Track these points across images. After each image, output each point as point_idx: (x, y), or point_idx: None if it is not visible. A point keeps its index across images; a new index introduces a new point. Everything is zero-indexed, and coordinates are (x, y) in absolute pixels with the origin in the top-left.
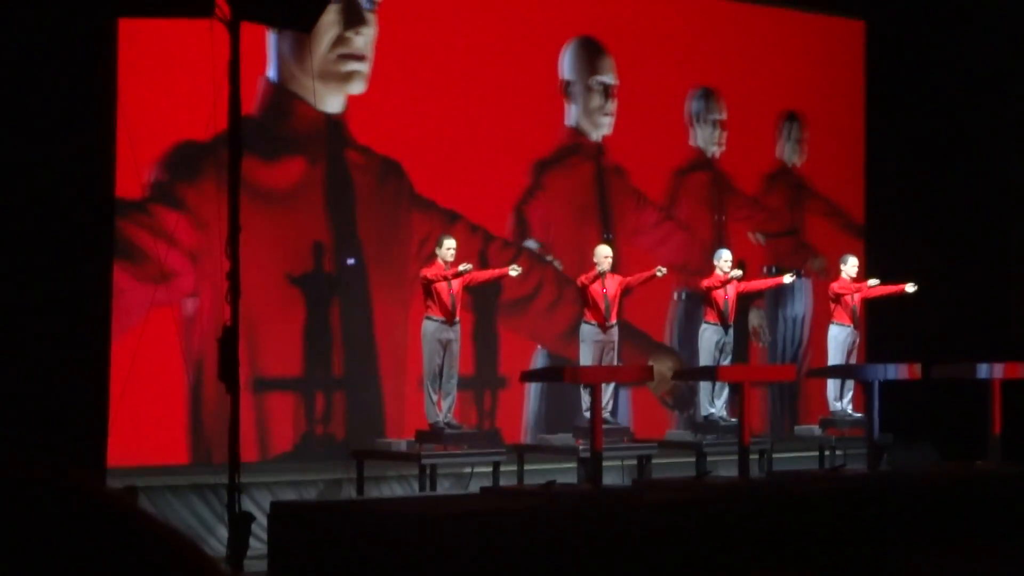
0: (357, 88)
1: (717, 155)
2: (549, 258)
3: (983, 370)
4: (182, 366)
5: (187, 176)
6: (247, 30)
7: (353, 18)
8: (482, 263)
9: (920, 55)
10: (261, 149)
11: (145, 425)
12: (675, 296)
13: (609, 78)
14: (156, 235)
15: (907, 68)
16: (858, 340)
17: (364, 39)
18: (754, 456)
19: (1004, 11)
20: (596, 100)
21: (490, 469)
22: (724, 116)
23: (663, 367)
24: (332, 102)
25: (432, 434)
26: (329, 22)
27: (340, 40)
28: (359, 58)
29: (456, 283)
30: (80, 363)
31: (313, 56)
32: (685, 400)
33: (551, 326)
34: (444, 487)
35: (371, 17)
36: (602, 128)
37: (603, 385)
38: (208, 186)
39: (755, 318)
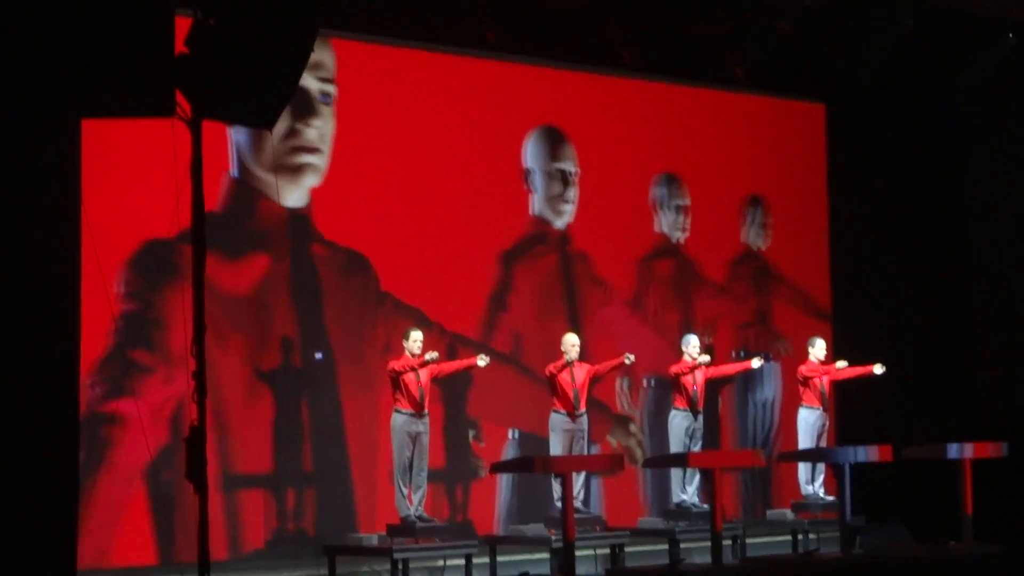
0: (312, 181)
1: (682, 240)
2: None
3: (953, 450)
4: (152, 465)
5: (153, 275)
6: (209, 127)
7: (304, 110)
8: (450, 356)
9: (881, 136)
10: (226, 246)
11: (114, 526)
12: (644, 383)
13: (568, 165)
14: (123, 337)
15: (868, 149)
16: (828, 423)
17: (317, 132)
18: (727, 542)
19: (963, 90)
20: (556, 187)
21: (463, 562)
22: (688, 201)
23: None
24: (294, 196)
25: (404, 528)
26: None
27: (291, 133)
28: (311, 150)
29: (424, 375)
30: (48, 464)
31: (266, 150)
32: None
33: (524, 411)
34: None
35: (325, 110)
36: (564, 216)
37: (574, 474)
38: (174, 285)
39: None
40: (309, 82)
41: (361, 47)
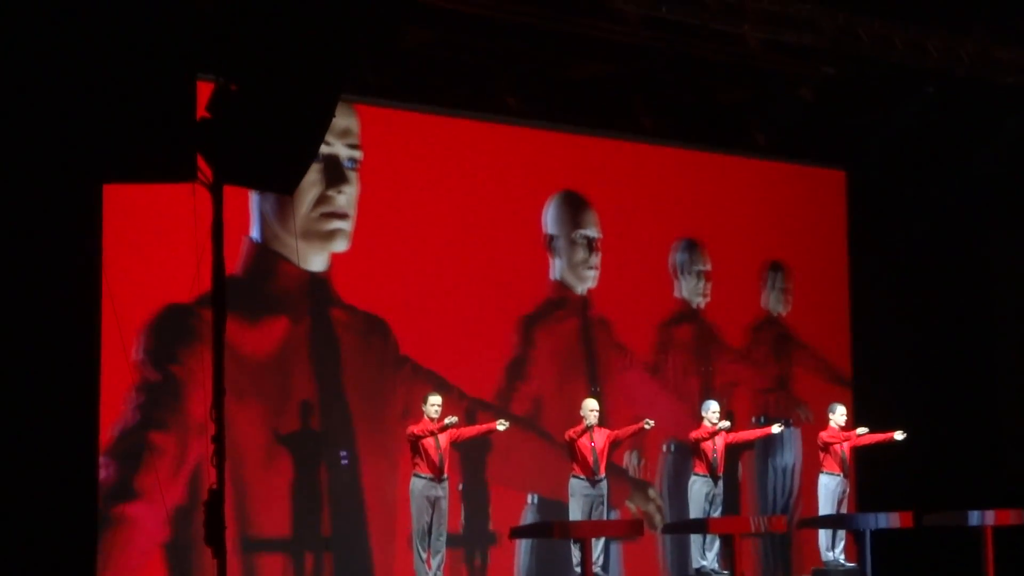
0: (340, 246)
1: (702, 306)
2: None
3: (975, 517)
4: (170, 528)
5: (172, 339)
6: (230, 191)
7: (335, 177)
8: (469, 420)
9: (901, 203)
10: (245, 309)
11: None
12: (664, 448)
13: (592, 231)
14: (141, 411)
15: (889, 216)
16: (848, 489)
17: (346, 197)
18: None
19: (983, 155)
20: (580, 254)
21: None
22: (708, 267)
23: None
24: (315, 260)
25: None
26: (311, 181)
27: (322, 199)
28: (341, 216)
29: (443, 439)
30: (66, 528)
31: (296, 215)
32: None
33: (543, 476)
34: None
35: (353, 176)
36: (587, 281)
37: (593, 539)
38: (193, 349)
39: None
40: (339, 149)
41: (383, 112)
